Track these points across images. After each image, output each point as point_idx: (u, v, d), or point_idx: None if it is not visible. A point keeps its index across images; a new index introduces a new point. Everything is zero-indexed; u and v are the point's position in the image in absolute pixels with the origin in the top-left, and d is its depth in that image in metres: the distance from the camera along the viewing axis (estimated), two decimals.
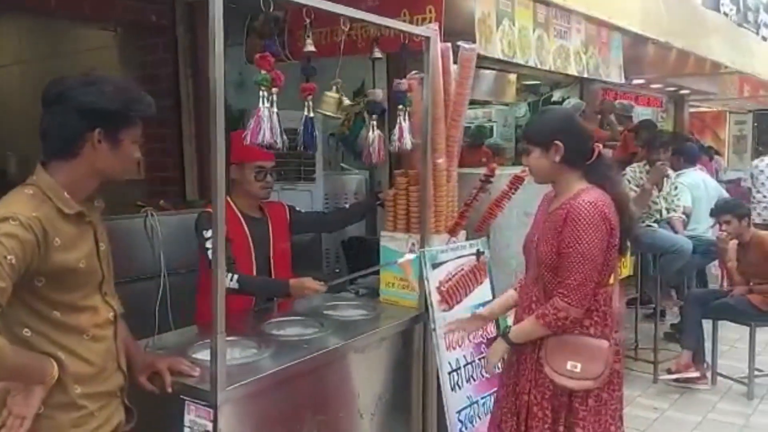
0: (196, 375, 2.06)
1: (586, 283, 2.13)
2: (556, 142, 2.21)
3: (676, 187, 5.24)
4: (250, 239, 2.89)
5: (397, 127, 2.81)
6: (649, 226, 4.99)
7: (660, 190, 5.08)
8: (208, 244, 2.56)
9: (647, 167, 5.08)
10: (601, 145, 2.33)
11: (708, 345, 4.79)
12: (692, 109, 10.50)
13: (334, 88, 2.56)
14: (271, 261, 2.96)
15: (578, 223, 2.12)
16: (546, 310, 2.17)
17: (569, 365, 2.16)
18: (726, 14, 8.33)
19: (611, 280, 2.27)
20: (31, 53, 5.98)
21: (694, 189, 5.52)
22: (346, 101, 2.67)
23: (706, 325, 4.77)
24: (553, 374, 2.18)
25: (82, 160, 1.71)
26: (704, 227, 5.38)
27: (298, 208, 3.23)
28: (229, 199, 2.78)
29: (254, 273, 2.88)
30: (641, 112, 8.72)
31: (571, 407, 2.21)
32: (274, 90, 2.03)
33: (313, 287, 2.70)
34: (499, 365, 2.47)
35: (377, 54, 2.77)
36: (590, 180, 2.24)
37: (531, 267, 2.35)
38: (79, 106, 1.67)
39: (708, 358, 4.81)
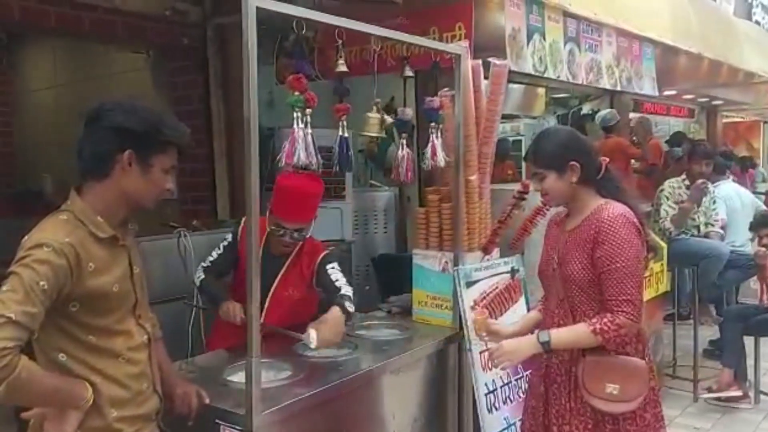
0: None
1: (639, 295, 2.08)
2: (572, 163, 2.15)
3: (714, 201, 5.12)
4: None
5: (429, 144, 2.80)
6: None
7: (699, 206, 4.96)
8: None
9: (686, 182, 4.96)
10: (607, 159, 2.27)
11: (750, 362, 4.65)
12: (725, 120, 10.32)
13: (375, 108, 2.55)
14: (267, 302, 2.69)
15: (615, 238, 2.06)
16: (605, 327, 2.04)
17: (608, 388, 2.07)
18: (758, 23, 8.21)
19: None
20: (65, 76, 6.12)
21: (728, 200, 5.39)
22: (388, 119, 2.66)
23: (747, 341, 4.63)
24: (590, 398, 2.10)
25: (112, 182, 1.72)
26: (742, 240, 5.24)
27: (331, 263, 2.79)
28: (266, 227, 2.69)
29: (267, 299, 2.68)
30: (672, 124, 8.60)
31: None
32: (308, 111, 2.03)
33: (234, 319, 2.55)
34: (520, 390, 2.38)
35: (408, 72, 2.76)
36: (604, 195, 2.20)
37: (552, 290, 2.26)
38: (111, 125, 1.70)
39: (750, 375, 4.66)
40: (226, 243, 2.77)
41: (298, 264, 2.77)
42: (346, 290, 2.64)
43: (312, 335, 2.31)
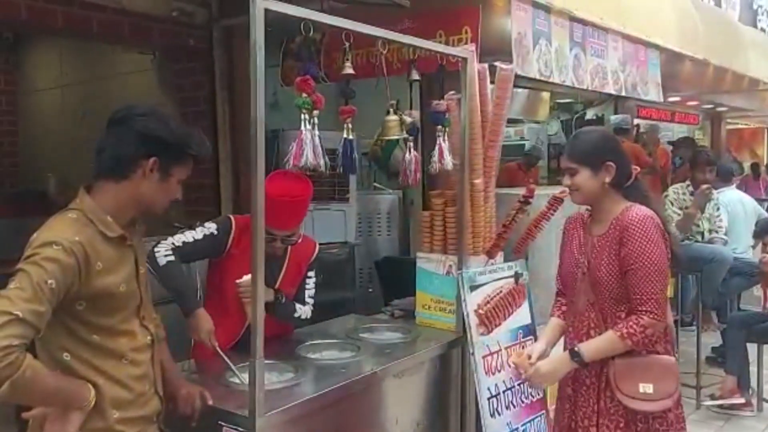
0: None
1: (664, 295, 2.11)
2: (609, 163, 2.18)
3: (718, 208, 5.11)
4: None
5: (436, 147, 2.80)
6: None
7: (702, 212, 4.95)
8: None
9: (690, 188, 4.96)
10: (638, 168, 2.32)
11: (753, 369, 4.63)
12: (730, 126, 10.31)
13: (391, 110, 2.54)
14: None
15: (641, 237, 2.10)
16: (631, 330, 2.08)
17: (641, 388, 2.10)
18: (763, 30, 8.20)
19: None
20: (71, 77, 6.13)
21: (731, 207, 5.38)
22: (408, 119, 2.65)
23: (751, 348, 4.61)
24: (626, 400, 2.11)
25: (130, 185, 1.73)
26: (743, 247, 5.23)
27: (310, 274, 2.78)
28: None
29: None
30: (677, 130, 8.59)
31: (649, 430, 2.15)
32: (315, 113, 2.03)
33: (204, 336, 2.35)
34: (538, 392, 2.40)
35: (415, 76, 2.76)
36: (630, 200, 2.23)
37: (580, 294, 2.26)
38: (143, 132, 1.71)
39: (753, 383, 4.64)
40: (208, 233, 2.54)
41: (296, 265, 2.72)
42: (303, 310, 2.67)
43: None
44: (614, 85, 4.28)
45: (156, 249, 2.42)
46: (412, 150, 2.78)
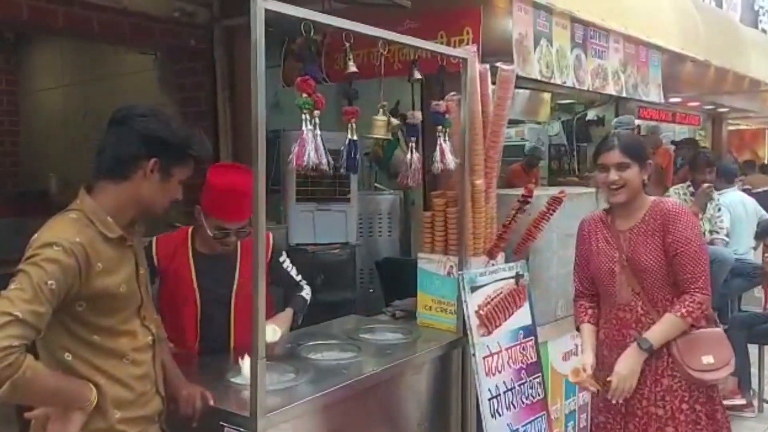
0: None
1: (708, 272, 2.29)
2: (650, 162, 2.38)
3: (719, 209, 5.11)
4: (194, 281, 2.47)
5: (437, 148, 2.79)
6: None
7: (704, 212, 4.96)
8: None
9: (691, 188, 4.96)
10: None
11: (754, 371, 4.63)
12: (731, 127, 10.31)
13: (381, 111, 2.55)
14: (232, 306, 2.50)
15: (684, 222, 2.28)
16: (691, 308, 2.23)
17: (704, 360, 2.25)
18: (765, 31, 8.20)
19: None
20: (72, 77, 6.14)
21: (732, 209, 5.37)
22: (395, 121, 2.66)
23: (752, 349, 4.61)
24: (696, 374, 2.25)
25: (130, 185, 1.73)
26: (744, 248, 5.23)
27: (281, 256, 2.68)
28: (189, 231, 2.55)
29: (199, 319, 2.47)
30: (678, 131, 8.59)
31: (709, 397, 2.32)
32: (316, 113, 2.03)
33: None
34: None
35: (417, 76, 2.75)
36: (647, 194, 2.41)
37: (621, 286, 2.38)
38: (144, 132, 1.71)
39: (754, 384, 4.64)
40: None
41: (250, 260, 2.50)
42: (306, 291, 2.70)
43: (276, 331, 2.34)
44: (615, 86, 4.28)
45: None
46: (413, 150, 2.78)
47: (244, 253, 2.51)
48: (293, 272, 2.73)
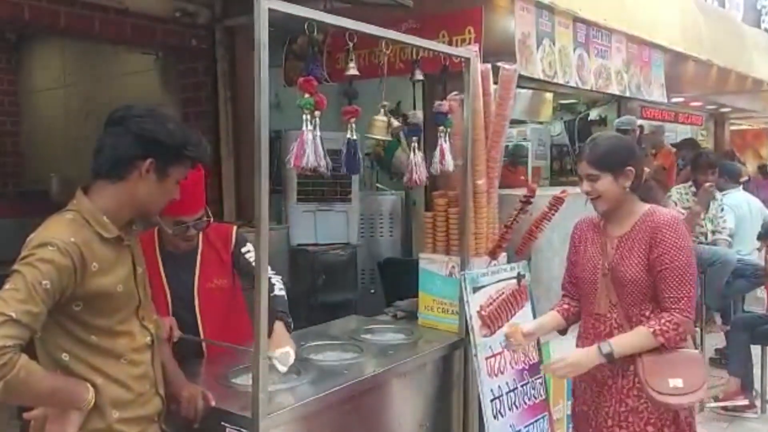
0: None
1: (693, 293, 2.14)
2: (629, 168, 2.20)
3: (722, 209, 5.10)
4: (163, 277, 2.43)
5: (438, 148, 2.78)
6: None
7: (706, 212, 4.95)
8: None
9: (693, 188, 4.96)
10: (647, 168, 2.32)
11: (757, 372, 4.62)
12: (733, 127, 10.29)
13: (382, 111, 2.54)
14: (196, 303, 2.45)
15: (673, 237, 2.13)
16: (665, 327, 2.10)
17: (671, 383, 2.11)
18: (767, 30, 8.17)
19: None
20: (74, 77, 6.13)
21: (737, 209, 5.36)
22: (395, 122, 2.65)
23: (754, 350, 4.59)
24: (658, 396, 2.11)
25: (126, 186, 1.72)
26: (748, 249, 5.21)
27: (243, 245, 2.56)
28: (155, 230, 2.48)
29: (170, 316, 2.39)
30: (681, 130, 8.57)
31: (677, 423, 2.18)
32: (317, 113, 2.02)
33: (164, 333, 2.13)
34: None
35: (419, 76, 2.75)
36: (643, 200, 2.26)
37: (600, 296, 2.26)
38: (139, 132, 1.70)
39: (757, 385, 4.63)
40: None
41: (213, 251, 2.51)
42: (279, 286, 2.47)
43: (291, 354, 2.20)
44: (618, 86, 4.28)
45: None
46: (415, 150, 2.77)
47: (205, 249, 2.49)
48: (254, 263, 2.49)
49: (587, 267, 2.32)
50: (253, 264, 2.45)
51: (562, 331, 2.53)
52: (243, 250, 2.55)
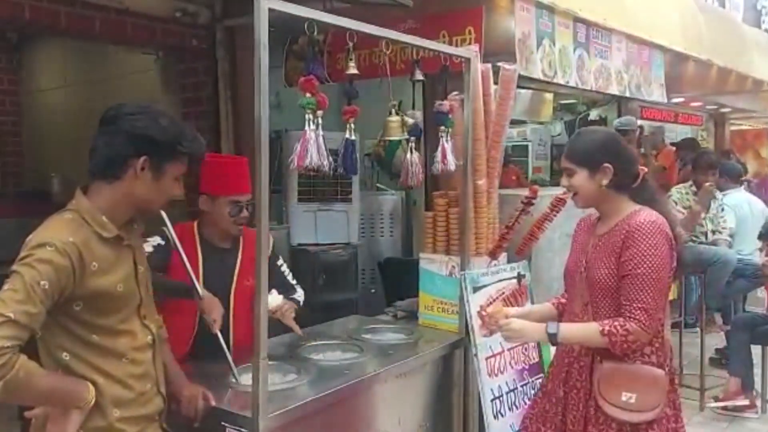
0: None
1: (658, 306, 2.03)
2: (606, 165, 2.13)
3: (722, 209, 5.10)
4: (201, 270, 2.49)
5: (439, 148, 2.79)
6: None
7: (707, 212, 4.95)
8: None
9: (693, 188, 4.96)
10: (645, 169, 2.25)
11: (757, 371, 4.62)
12: (733, 128, 10.28)
13: (393, 111, 2.54)
14: (231, 297, 2.53)
15: (642, 243, 2.03)
16: (614, 330, 2.02)
17: (624, 397, 2.04)
18: (767, 30, 8.17)
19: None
20: (75, 77, 6.13)
21: (737, 209, 5.36)
22: (409, 120, 2.65)
23: (754, 350, 4.59)
24: (606, 406, 2.07)
25: (123, 185, 1.72)
26: (750, 249, 5.21)
27: (278, 258, 2.76)
28: (195, 224, 2.58)
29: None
30: (681, 131, 8.57)
31: None
32: (319, 113, 2.02)
33: (215, 316, 2.27)
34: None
35: (419, 76, 2.75)
36: (638, 203, 2.17)
37: (577, 294, 2.24)
38: (131, 131, 1.70)
39: (757, 385, 4.63)
40: (156, 244, 2.44)
41: (251, 253, 2.48)
42: (300, 294, 2.72)
43: (275, 294, 2.39)
44: (618, 86, 4.28)
45: None
46: (413, 151, 2.77)
47: (246, 246, 2.56)
48: (289, 276, 2.77)
49: (570, 264, 2.30)
50: (286, 275, 2.72)
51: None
52: (278, 263, 2.72)
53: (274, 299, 2.44)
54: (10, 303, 1.48)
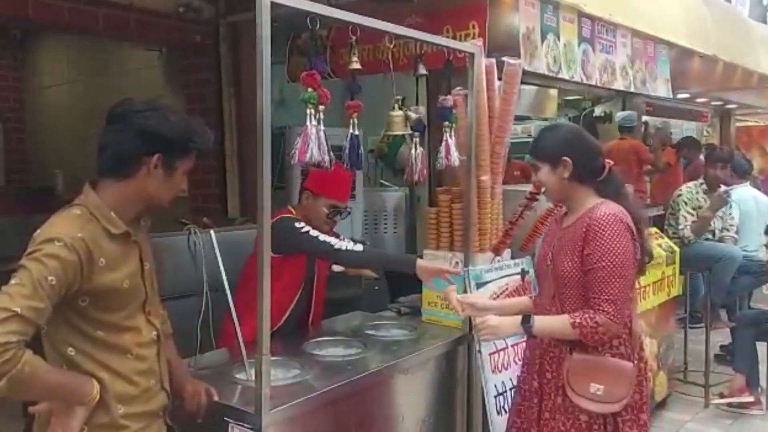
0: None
1: (624, 297, 2.06)
2: (565, 158, 2.16)
3: (730, 206, 5.06)
4: (305, 260, 2.78)
5: (443, 144, 2.78)
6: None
7: (714, 215, 4.91)
8: (307, 229, 2.62)
9: (704, 186, 4.92)
10: (612, 162, 2.26)
11: (762, 369, 4.60)
12: (739, 124, 10.23)
13: (396, 106, 2.53)
14: (314, 284, 2.87)
15: (604, 236, 2.06)
16: (584, 322, 2.05)
17: (592, 388, 2.08)
18: None
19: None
20: (79, 73, 6.15)
21: (742, 204, 5.32)
22: (413, 115, 2.64)
23: (760, 347, 4.57)
24: (575, 397, 2.10)
25: (134, 182, 1.71)
26: (755, 245, 5.18)
27: (299, 222, 2.90)
28: (293, 210, 2.81)
29: (299, 291, 2.78)
30: (686, 127, 8.53)
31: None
32: (320, 108, 2.01)
33: (444, 272, 2.53)
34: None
35: (422, 71, 2.74)
36: (602, 196, 2.19)
37: (545, 286, 2.27)
38: (141, 129, 1.68)
39: (762, 382, 4.61)
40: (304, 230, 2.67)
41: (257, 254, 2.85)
42: (346, 245, 2.74)
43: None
44: (623, 81, 4.26)
45: (337, 247, 2.57)
46: (417, 146, 2.76)
47: None
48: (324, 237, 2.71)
49: (540, 257, 2.33)
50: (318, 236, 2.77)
51: None
52: (297, 225, 2.86)
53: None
54: (17, 297, 1.48)
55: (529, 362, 2.33)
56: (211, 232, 2.42)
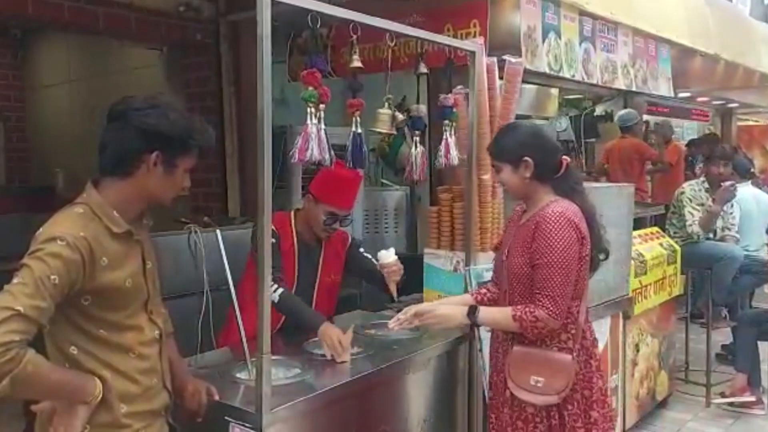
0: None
1: (565, 294, 2.11)
2: (526, 158, 2.19)
3: (732, 205, 5.05)
4: (296, 266, 2.74)
5: (443, 143, 2.77)
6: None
7: (723, 210, 4.90)
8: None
9: (705, 184, 4.91)
10: (568, 159, 2.29)
11: (764, 368, 4.59)
12: (740, 123, 10.22)
13: (386, 104, 2.53)
14: (315, 292, 2.81)
15: (548, 233, 2.10)
16: (524, 315, 2.11)
17: (532, 380, 2.14)
18: None
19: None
20: (79, 72, 6.15)
21: (743, 203, 5.30)
22: (400, 116, 2.65)
23: (762, 347, 4.57)
24: (515, 388, 2.16)
25: (135, 180, 1.71)
26: (756, 245, 5.17)
27: (360, 247, 3.01)
28: (291, 216, 2.78)
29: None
30: (687, 126, 8.52)
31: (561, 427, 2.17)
32: (321, 106, 2.01)
33: (335, 346, 2.39)
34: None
35: (423, 69, 2.73)
36: (558, 193, 2.23)
37: (501, 281, 2.33)
38: (141, 127, 1.68)
39: (764, 381, 4.60)
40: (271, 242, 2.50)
41: (333, 249, 2.85)
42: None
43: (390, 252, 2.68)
44: (624, 80, 4.25)
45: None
46: (418, 145, 2.76)
47: (328, 246, 2.83)
48: (373, 260, 2.87)
49: (498, 255, 2.39)
50: (370, 259, 2.88)
51: None
52: (360, 249, 2.97)
53: (389, 255, 2.70)
54: (19, 297, 1.47)
55: (492, 356, 2.40)
56: (217, 231, 2.40)
